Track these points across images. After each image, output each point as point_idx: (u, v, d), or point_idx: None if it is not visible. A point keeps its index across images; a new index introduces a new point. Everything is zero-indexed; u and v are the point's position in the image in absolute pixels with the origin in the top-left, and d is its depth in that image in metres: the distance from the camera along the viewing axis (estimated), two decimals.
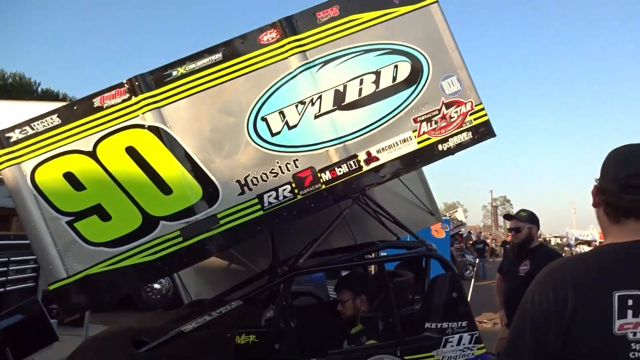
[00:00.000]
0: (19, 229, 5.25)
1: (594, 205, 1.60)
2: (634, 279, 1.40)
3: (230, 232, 2.26)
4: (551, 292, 1.47)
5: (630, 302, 1.38)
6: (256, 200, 2.28)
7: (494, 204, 59.14)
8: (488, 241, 24.84)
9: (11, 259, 5.06)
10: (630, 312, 1.37)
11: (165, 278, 9.06)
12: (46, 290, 3.38)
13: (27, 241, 4.90)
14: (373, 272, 3.91)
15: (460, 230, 21.66)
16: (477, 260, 17.99)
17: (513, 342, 1.56)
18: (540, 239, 4.37)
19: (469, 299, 2.88)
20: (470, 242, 21.41)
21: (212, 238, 2.25)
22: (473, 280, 11.54)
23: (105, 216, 2.23)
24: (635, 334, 1.36)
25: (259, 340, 2.69)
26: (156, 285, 9.69)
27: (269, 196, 2.27)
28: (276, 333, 2.70)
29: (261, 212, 2.27)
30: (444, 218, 17.20)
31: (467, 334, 2.74)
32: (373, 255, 3.51)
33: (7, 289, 5.04)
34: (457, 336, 2.74)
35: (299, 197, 2.29)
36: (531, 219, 4.28)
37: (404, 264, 3.56)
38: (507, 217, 4.42)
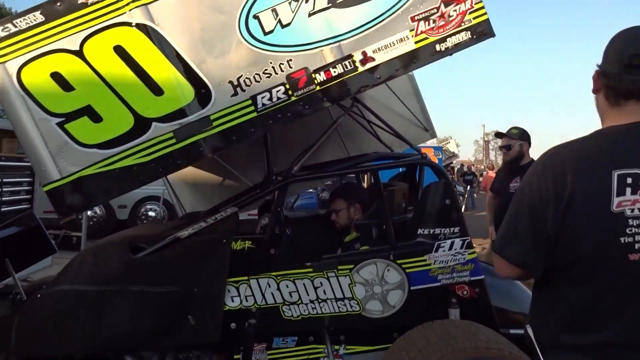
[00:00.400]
0: (10, 150, 5.22)
1: (594, 91, 1.59)
2: (633, 158, 1.41)
3: (223, 133, 2.24)
4: (550, 176, 1.47)
5: (629, 180, 1.39)
6: (249, 102, 2.24)
7: (485, 139, 59.26)
8: (477, 173, 25.08)
9: (4, 180, 5.05)
10: (628, 190, 1.39)
11: (160, 206, 9.15)
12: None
13: (19, 163, 4.88)
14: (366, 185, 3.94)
15: (452, 162, 21.83)
16: (467, 191, 18.23)
17: (509, 227, 1.58)
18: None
19: None
20: (461, 174, 21.64)
21: (206, 140, 2.23)
22: (462, 210, 11.75)
23: (96, 117, 2.19)
24: (632, 210, 1.38)
25: (255, 246, 2.74)
26: (151, 214, 9.80)
27: (262, 97, 2.23)
28: (271, 239, 2.74)
29: (255, 114, 2.25)
30: (436, 145, 17.28)
31: (459, 240, 2.80)
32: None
33: (2, 210, 5.07)
34: (449, 241, 2.80)
35: (293, 98, 2.26)
36: (522, 136, 4.30)
37: (398, 176, 3.60)
38: (499, 134, 4.43)
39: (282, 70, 2.26)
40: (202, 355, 2.76)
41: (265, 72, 2.26)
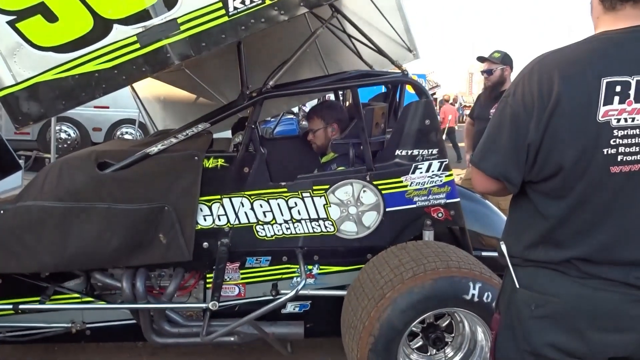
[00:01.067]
0: None
1: None
2: (624, 66, 1.31)
3: (191, 39, 2.07)
4: (536, 83, 1.38)
5: (617, 89, 1.31)
6: (220, 5, 2.06)
7: (470, 71, 58.67)
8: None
9: None
10: (616, 99, 1.30)
11: (135, 129, 8.93)
12: None
13: None
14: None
15: (434, 93, 21.65)
16: None
17: (489, 139, 1.51)
18: None
19: None
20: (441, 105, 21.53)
21: (172, 45, 2.07)
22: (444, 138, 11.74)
23: (51, 16, 2.00)
24: (619, 120, 1.31)
25: (228, 164, 2.65)
26: (127, 137, 9.59)
27: (234, 0, 2.06)
28: (245, 156, 2.65)
29: (226, 18, 2.08)
30: (420, 73, 17.00)
31: (436, 161, 2.75)
32: None
33: None
34: (426, 163, 2.74)
35: (267, 2, 2.08)
36: (504, 59, 4.18)
37: (379, 97, 3.48)
38: (480, 59, 4.29)
39: None
40: (174, 273, 2.73)
41: None
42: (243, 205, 2.68)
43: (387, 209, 2.75)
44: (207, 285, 2.78)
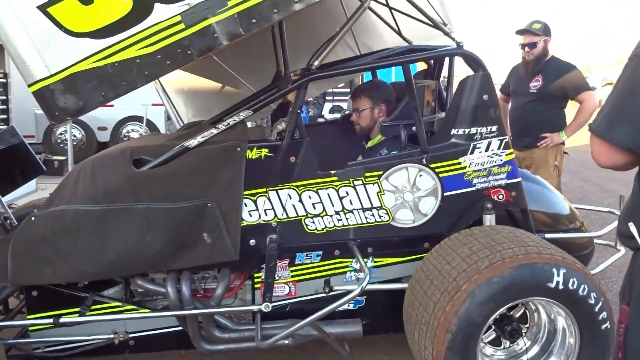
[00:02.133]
0: None
1: None
2: None
3: (241, 16, 1.86)
4: None
5: None
6: None
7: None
8: None
9: None
10: None
11: (142, 126, 8.72)
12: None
13: None
14: None
15: None
16: None
17: (616, 106, 1.29)
18: None
19: None
20: None
21: (220, 24, 1.85)
22: None
23: None
24: None
25: (273, 154, 2.45)
26: (133, 135, 9.38)
27: None
28: (291, 145, 2.45)
29: None
30: None
31: (496, 139, 2.55)
32: None
33: None
34: (485, 142, 2.55)
35: None
36: (546, 30, 3.97)
37: (417, 74, 3.27)
38: (521, 32, 4.07)
39: None
40: (220, 274, 2.53)
41: None
42: (291, 198, 2.48)
43: (445, 194, 2.55)
44: (256, 286, 2.60)
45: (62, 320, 2.40)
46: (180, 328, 2.57)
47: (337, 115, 9.68)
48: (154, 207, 2.32)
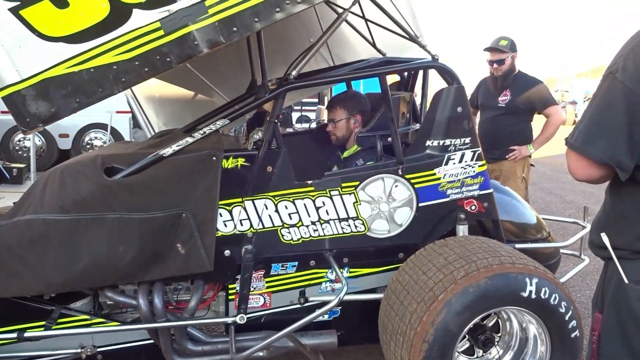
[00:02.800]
0: None
1: None
2: None
3: (222, 24, 1.84)
4: None
5: None
6: None
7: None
8: None
9: None
10: None
11: (106, 134, 8.52)
12: None
13: None
14: None
15: None
16: None
17: (594, 120, 1.34)
18: None
19: None
20: None
21: (201, 31, 1.83)
22: None
23: (60, 2, 1.73)
24: None
25: (249, 163, 2.43)
26: (97, 143, 9.17)
27: None
28: (268, 154, 2.43)
29: (258, 0, 1.86)
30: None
31: (469, 151, 2.60)
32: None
33: None
34: (459, 153, 2.59)
35: None
36: (512, 46, 4.09)
37: (395, 85, 3.31)
38: (489, 49, 4.18)
39: None
40: (194, 286, 2.49)
41: None
42: (267, 208, 2.46)
43: (420, 204, 2.58)
44: (230, 297, 2.55)
45: (26, 334, 2.30)
46: (151, 341, 2.51)
47: (306, 125, 9.71)
48: (126, 217, 2.26)
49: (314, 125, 10.19)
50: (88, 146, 9.26)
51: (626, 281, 1.38)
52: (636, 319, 1.35)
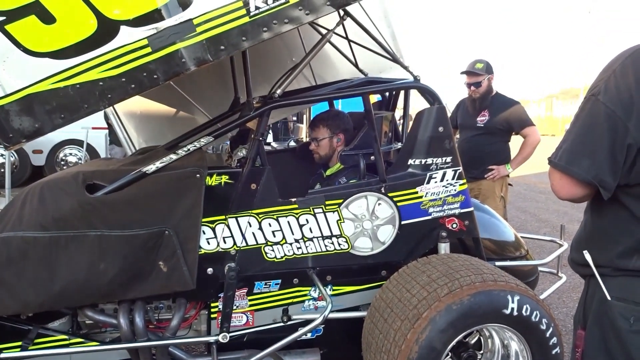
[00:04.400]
0: None
1: None
2: None
3: (209, 42, 1.85)
4: (632, 77, 1.27)
5: None
6: (240, 4, 1.86)
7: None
8: None
9: None
10: None
11: (81, 150, 8.40)
12: None
13: None
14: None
15: None
16: None
17: (578, 140, 1.38)
18: None
19: None
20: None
21: (188, 49, 1.84)
22: None
23: (47, 17, 1.72)
24: None
25: (233, 181, 2.42)
26: (71, 159, 9.03)
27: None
28: (252, 172, 2.43)
29: (247, 19, 1.88)
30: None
31: (450, 170, 2.64)
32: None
33: None
34: (441, 172, 2.63)
35: (291, 1, 1.91)
36: (488, 69, 4.20)
37: (376, 105, 3.35)
38: (465, 72, 4.28)
39: None
40: (176, 305, 2.45)
41: None
42: (251, 225, 2.46)
43: (403, 222, 2.60)
44: (212, 315, 2.53)
45: (2, 355, 2.23)
46: None
47: (285, 144, 9.73)
48: (107, 235, 2.23)
49: (292, 143, 10.22)
50: (62, 163, 9.11)
51: (609, 298, 1.41)
52: (619, 335, 1.38)
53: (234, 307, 2.50)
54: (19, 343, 2.31)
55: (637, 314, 1.36)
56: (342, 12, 2.46)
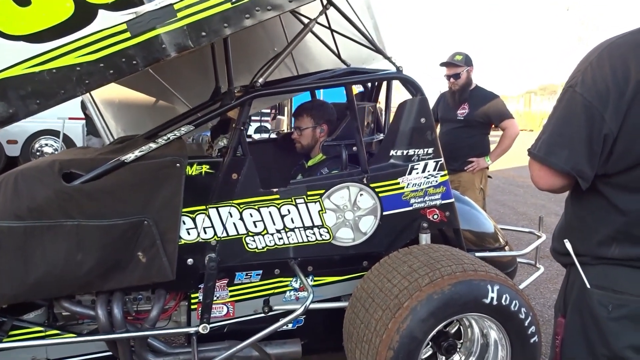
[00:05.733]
0: None
1: None
2: None
3: (190, 28, 1.82)
4: (608, 69, 1.28)
5: None
6: None
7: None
8: None
9: None
10: None
11: (57, 141, 8.25)
12: None
13: None
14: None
15: None
16: None
17: (555, 131, 1.39)
18: None
19: None
20: None
21: (169, 35, 1.80)
22: None
23: None
24: None
25: (214, 171, 2.39)
26: (47, 150, 8.86)
27: None
28: (233, 162, 2.40)
29: (229, 5, 1.84)
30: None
31: (432, 161, 2.65)
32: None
33: None
34: (422, 163, 2.64)
35: None
36: (468, 61, 4.22)
37: (359, 96, 3.34)
38: (445, 64, 4.29)
39: None
40: (155, 296, 2.42)
41: None
42: (232, 216, 2.43)
43: (384, 213, 2.61)
44: (192, 307, 2.50)
45: None
46: (109, 353, 2.43)
47: (265, 135, 9.67)
48: (84, 224, 2.19)
49: (273, 135, 10.17)
50: (38, 153, 8.93)
51: (588, 286, 1.43)
52: (597, 323, 1.40)
53: (215, 298, 2.48)
54: None
55: (615, 301, 1.38)
56: (325, 1, 2.44)
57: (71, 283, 2.21)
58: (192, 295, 2.49)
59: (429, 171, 2.65)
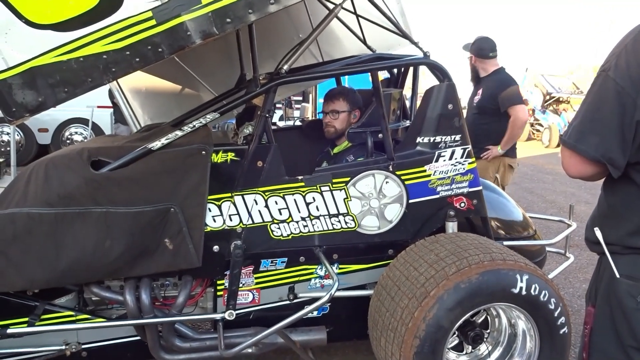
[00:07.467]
0: None
1: None
2: None
3: (215, 14, 1.81)
4: None
5: None
6: None
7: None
8: None
9: None
10: None
11: (87, 129, 8.38)
12: None
13: None
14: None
15: None
16: None
17: (586, 117, 1.34)
18: None
19: None
20: None
21: (194, 22, 1.80)
22: None
23: None
24: None
25: (239, 158, 2.39)
26: (77, 138, 9.02)
27: None
28: (258, 149, 2.40)
29: None
30: None
31: (459, 148, 2.60)
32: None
33: None
34: (449, 150, 2.59)
35: None
36: (474, 49, 4.17)
37: (385, 82, 3.30)
38: (466, 47, 4.24)
39: None
40: (182, 282, 2.45)
41: None
42: (257, 203, 2.43)
43: (410, 201, 2.58)
44: (218, 293, 2.52)
45: (9, 331, 2.24)
46: (137, 338, 2.47)
47: (290, 123, 9.67)
48: (113, 211, 2.22)
49: (298, 123, 10.16)
50: (68, 141, 9.10)
51: (617, 276, 1.38)
52: (625, 313, 1.36)
53: (240, 285, 2.49)
54: (26, 319, 2.32)
55: None
56: None
57: (100, 269, 2.25)
58: (218, 282, 2.51)
59: (456, 158, 2.60)
